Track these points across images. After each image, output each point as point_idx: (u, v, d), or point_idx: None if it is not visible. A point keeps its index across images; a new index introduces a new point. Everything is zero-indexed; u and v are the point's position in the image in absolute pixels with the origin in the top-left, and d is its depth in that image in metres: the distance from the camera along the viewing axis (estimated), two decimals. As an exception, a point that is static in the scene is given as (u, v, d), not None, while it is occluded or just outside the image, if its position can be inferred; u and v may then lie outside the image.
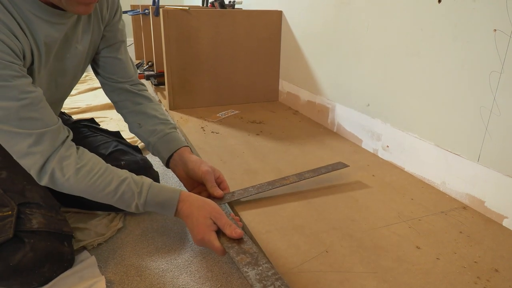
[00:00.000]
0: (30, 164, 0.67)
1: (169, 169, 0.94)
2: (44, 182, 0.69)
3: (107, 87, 0.95)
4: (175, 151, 0.91)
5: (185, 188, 0.92)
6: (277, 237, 0.75)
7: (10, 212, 0.68)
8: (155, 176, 1.00)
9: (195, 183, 0.90)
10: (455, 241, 0.74)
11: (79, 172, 0.70)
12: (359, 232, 0.77)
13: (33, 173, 0.68)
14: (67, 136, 0.73)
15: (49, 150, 0.68)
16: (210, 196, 0.84)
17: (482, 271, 0.66)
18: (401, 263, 0.68)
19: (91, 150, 0.86)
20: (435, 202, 0.89)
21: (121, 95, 0.94)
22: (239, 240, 0.70)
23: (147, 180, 0.77)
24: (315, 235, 0.75)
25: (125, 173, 0.76)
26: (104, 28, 0.87)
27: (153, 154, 0.95)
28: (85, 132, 1.03)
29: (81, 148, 0.75)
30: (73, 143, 0.74)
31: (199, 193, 0.85)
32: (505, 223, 0.80)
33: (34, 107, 0.66)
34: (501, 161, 0.80)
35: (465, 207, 0.87)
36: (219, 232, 0.72)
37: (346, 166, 1.01)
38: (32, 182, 0.79)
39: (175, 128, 0.96)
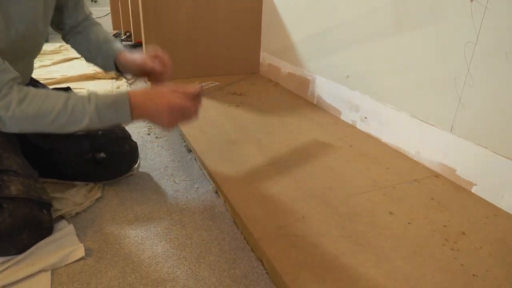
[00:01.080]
0: None
1: (148, 142, 0.93)
2: None
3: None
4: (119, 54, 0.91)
5: None
6: (255, 205, 0.76)
7: None
8: (133, 146, 0.99)
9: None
10: (426, 207, 0.77)
11: (22, 102, 0.66)
12: (335, 199, 0.79)
13: None
14: (13, 78, 0.69)
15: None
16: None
17: (450, 234, 0.69)
18: (374, 228, 0.70)
19: None
20: (409, 171, 0.92)
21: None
22: None
23: (91, 92, 0.74)
24: (293, 203, 0.77)
25: (67, 93, 0.72)
26: None
27: (104, 68, 0.97)
28: None
29: (20, 84, 0.70)
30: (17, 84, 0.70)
31: None
32: (474, 190, 0.84)
33: None
34: (473, 130, 0.83)
35: (437, 175, 0.90)
36: None
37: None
38: (9, 150, 0.78)
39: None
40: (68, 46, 1.01)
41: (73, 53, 2.05)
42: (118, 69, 0.93)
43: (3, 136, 0.82)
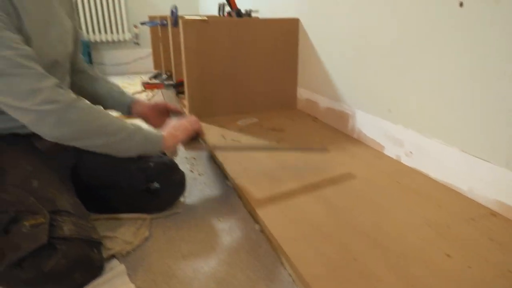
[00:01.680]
0: (33, 99, 0.71)
1: (191, 179, 0.97)
2: (49, 107, 0.73)
3: None
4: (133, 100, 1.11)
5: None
6: (304, 245, 0.75)
7: (43, 220, 0.70)
8: (182, 175, 1.04)
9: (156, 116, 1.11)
10: (486, 249, 0.73)
11: (78, 101, 0.78)
12: (386, 239, 0.76)
13: (38, 101, 0.72)
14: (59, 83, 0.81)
15: (53, 82, 0.75)
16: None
17: (516, 279, 0.65)
18: (431, 272, 0.67)
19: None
20: (463, 208, 0.88)
21: (78, 75, 1.08)
22: None
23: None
24: (342, 242, 0.75)
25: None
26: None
27: (110, 107, 1.09)
28: None
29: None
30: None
31: None
32: (537, 229, 0.79)
33: (32, 59, 0.73)
34: (531, 166, 0.79)
35: (494, 214, 0.85)
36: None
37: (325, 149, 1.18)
38: (62, 191, 0.82)
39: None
40: None
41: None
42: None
43: (57, 176, 0.87)
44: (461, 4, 0.89)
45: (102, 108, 0.86)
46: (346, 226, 0.81)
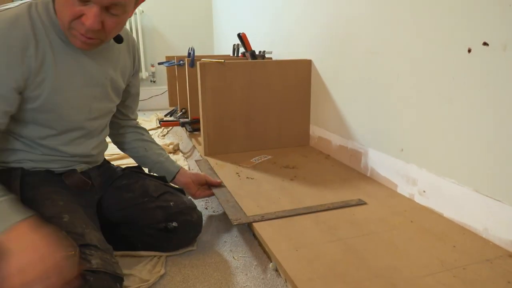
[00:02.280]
0: None
1: (206, 216, 1.01)
2: None
3: (117, 124, 1.16)
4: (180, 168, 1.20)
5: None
6: (319, 286, 0.75)
7: (73, 252, 0.73)
8: (200, 216, 1.07)
9: (196, 187, 1.22)
10: (504, 292, 0.72)
11: None
12: (402, 281, 0.76)
13: None
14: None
15: None
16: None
17: (536, 324, 0.64)
18: (449, 315, 0.66)
19: (143, 193, 1.02)
20: (479, 249, 0.87)
21: (128, 128, 1.18)
22: None
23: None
24: (358, 284, 0.75)
25: None
26: (132, 76, 1.10)
27: (156, 171, 1.18)
28: (135, 177, 1.09)
29: None
30: None
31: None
32: (556, 272, 0.78)
33: None
34: (545, 207, 0.79)
35: (511, 255, 0.85)
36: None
37: (363, 202, 1.13)
38: (89, 227, 0.85)
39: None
40: None
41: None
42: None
43: (85, 212, 0.91)
44: (469, 51, 0.93)
45: None
46: (361, 267, 0.81)
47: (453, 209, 1.02)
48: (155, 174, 1.17)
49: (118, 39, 0.98)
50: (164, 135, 2.39)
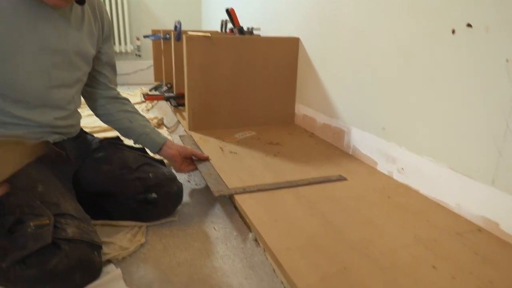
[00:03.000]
0: None
1: (188, 189, 1.01)
2: None
3: (95, 95, 1.10)
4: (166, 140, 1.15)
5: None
6: (297, 254, 0.77)
7: (47, 221, 0.73)
8: (180, 187, 1.06)
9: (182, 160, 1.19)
10: (470, 262, 0.76)
11: None
12: (376, 252, 0.79)
13: None
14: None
15: None
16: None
17: (498, 292, 0.68)
18: (417, 282, 0.69)
19: (122, 165, 1.00)
20: (451, 224, 0.91)
21: (109, 100, 1.12)
22: None
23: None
24: (334, 254, 0.78)
25: None
26: (102, 42, 1.05)
27: (141, 143, 1.14)
28: (113, 148, 1.09)
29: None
30: None
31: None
32: (521, 246, 0.82)
33: None
34: (515, 185, 0.82)
35: (480, 229, 0.89)
36: None
37: (343, 178, 1.15)
38: (65, 196, 0.85)
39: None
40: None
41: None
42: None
43: (60, 183, 0.90)
44: (453, 32, 0.94)
45: None
46: (337, 239, 0.83)
47: (429, 186, 1.05)
48: (134, 146, 1.16)
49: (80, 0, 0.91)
50: (149, 110, 2.37)
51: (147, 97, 2.19)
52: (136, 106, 2.39)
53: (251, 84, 1.68)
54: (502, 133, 0.84)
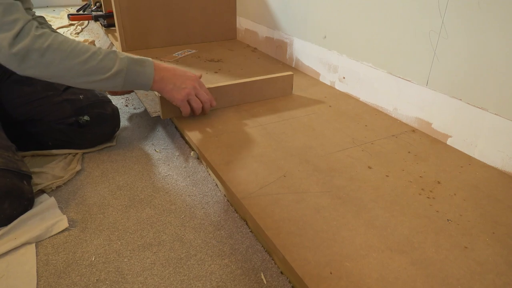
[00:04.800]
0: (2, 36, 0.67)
1: (126, 114, 0.94)
2: (19, 46, 0.69)
3: None
4: None
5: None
6: (237, 167, 0.76)
7: None
8: (115, 109, 1.00)
9: None
10: (403, 160, 0.79)
11: (52, 36, 0.72)
12: (315, 157, 0.80)
13: (8, 40, 0.68)
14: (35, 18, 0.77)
15: (24, 18, 0.70)
16: None
17: (426, 183, 0.72)
18: (353, 182, 0.72)
19: (46, 87, 0.92)
20: (387, 127, 0.94)
21: None
22: None
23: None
24: (273, 162, 0.78)
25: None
26: None
27: None
28: None
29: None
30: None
31: None
32: (449, 141, 0.86)
33: None
34: (447, 83, 0.84)
35: (414, 130, 0.92)
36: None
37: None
38: None
39: None
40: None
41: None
42: None
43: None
44: None
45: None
46: (278, 148, 0.83)
47: (369, 92, 1.06)
48: None
49: None
50: (78, 33, 2.15)
51: (72, 17, 1.96)
52: (63, 30, 2.17)
53: (187, -3, 1.54)
54: (437, 32, 0.83)
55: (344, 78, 1.13)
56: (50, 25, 1.04)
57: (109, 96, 1.04)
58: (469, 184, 0.72)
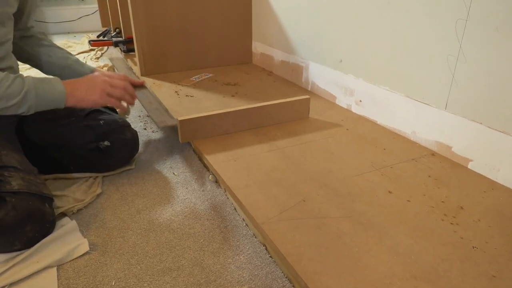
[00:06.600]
0: None
1: (145, 137, 0.96)
2: None
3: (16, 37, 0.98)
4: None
5: None
6: (256, 190, 0.76)
7: None
8: (134, 134, 1.01)
9: None
10: (424, 184, 0.78)
11: None
12: (334, 181, 0.79)
13: None
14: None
15: None
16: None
17: (449, 209, 0.71)
18: (374, 206, 0.71)
19: (68, 113, 0.92)
20: (406, 150, 0.93)
21: (26, 39, 1.02)
22: None
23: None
24: (293, 186, 0.78)
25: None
26: None
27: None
28: None
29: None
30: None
31: None
32: (470, 165, 0.85)
33: None
34: (466, 107, 0.83)
35: (433, 154, 0.91)
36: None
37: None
38: (7, 148, 0.78)
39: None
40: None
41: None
42: None
43: (2, 135, 0.83)
44: (406, -52, 0.89)
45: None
46: (296, 172, 0.83)
47: (386, 116, 1.05)
48: None
49: None
50: (98, 58, 2.21)
51: (92, 43, 2.03)
52: (84, 56, 2.24)
53: (204, 22, 1.58)
54: (456, 56, 0.83)
55: (360, 101, 1.14)
56: (51, 40, 1.08)
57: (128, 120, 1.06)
58: (493, 210, 0.71)
